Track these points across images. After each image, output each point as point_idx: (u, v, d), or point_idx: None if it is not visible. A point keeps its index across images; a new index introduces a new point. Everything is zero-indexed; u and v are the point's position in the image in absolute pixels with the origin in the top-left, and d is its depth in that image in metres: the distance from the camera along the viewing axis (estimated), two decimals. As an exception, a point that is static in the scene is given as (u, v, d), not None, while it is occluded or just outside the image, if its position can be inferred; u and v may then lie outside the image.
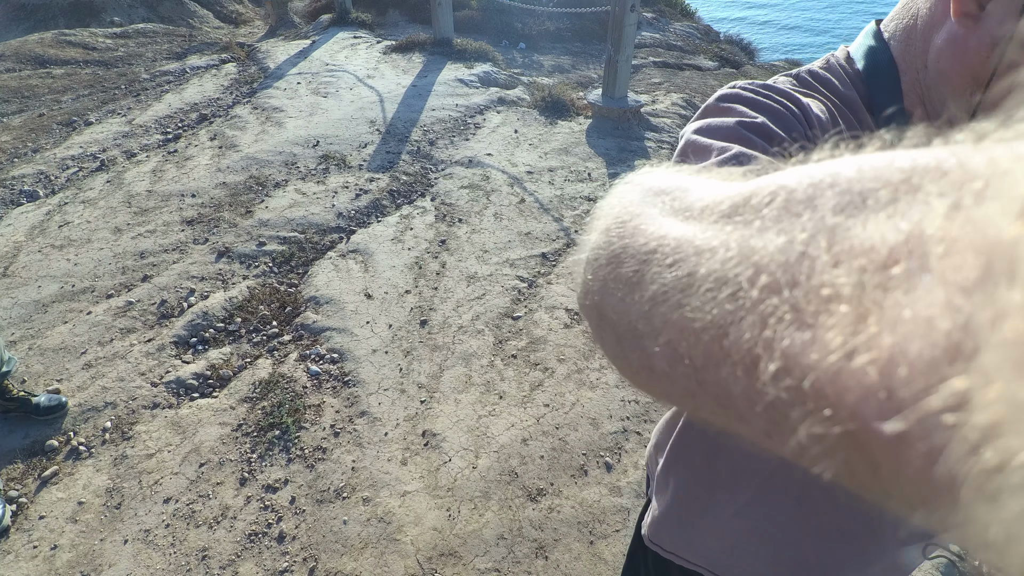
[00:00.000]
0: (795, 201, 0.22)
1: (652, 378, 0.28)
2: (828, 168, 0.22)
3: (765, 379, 0.20)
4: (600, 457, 2.41)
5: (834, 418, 0.18)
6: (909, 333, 0.16)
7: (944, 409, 0.15)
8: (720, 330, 0.22)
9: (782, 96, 0.65)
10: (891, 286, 0.17)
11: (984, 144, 0.18)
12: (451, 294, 3.23)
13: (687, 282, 0.25)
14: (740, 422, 0.23)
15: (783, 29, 16.43)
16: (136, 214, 3.80)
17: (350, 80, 6.00)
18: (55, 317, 2.98)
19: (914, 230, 0.17)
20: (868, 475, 0.18)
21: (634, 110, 5.21)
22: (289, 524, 2.15)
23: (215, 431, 2.47)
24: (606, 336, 0.33)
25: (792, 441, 0.20)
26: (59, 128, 4.94)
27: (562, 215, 3.95)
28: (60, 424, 2.46)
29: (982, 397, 0.14)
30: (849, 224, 0.20)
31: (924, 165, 0.19)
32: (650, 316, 0.27)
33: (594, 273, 0.33)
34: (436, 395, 2.65)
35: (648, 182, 0.35)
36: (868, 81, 0.72)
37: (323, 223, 3.78)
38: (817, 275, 0.19)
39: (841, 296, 0.18)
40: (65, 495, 2.23)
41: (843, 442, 0.18)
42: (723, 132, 0.59)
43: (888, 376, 0.17)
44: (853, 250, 0.19)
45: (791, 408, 0.20)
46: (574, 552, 2.09)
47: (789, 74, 0.75)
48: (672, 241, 0.27)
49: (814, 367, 0.19)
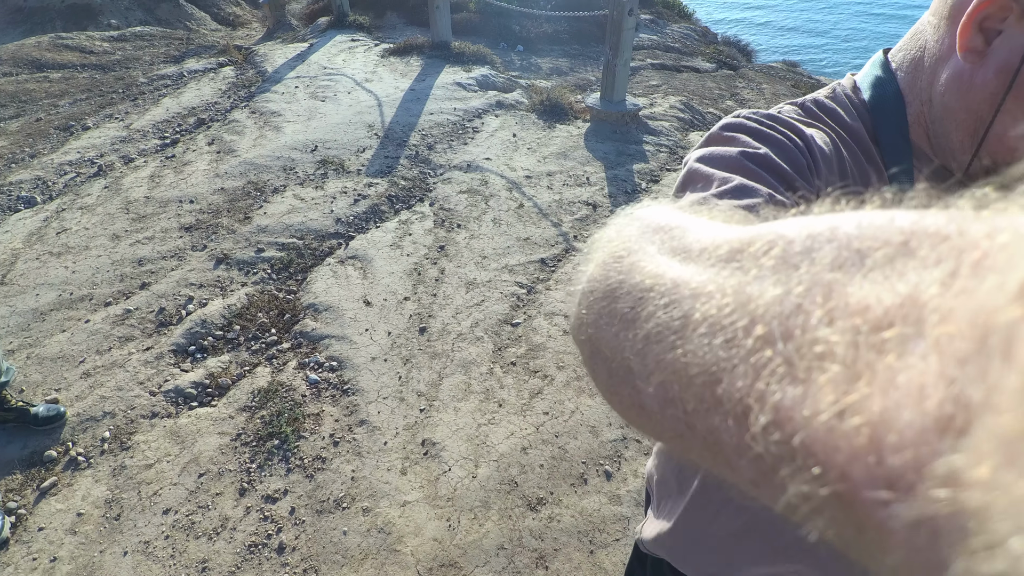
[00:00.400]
0: (793, 252, 0.22)
1: (642, 416, 0.29)
2: (828, 222, 0.22)
3: (755, 431, 0.20)
4: (600, 465, 2.41)
5: (822, 477, 0.18)
6: (901, 399, 0.16)
7: (931, 482, 0.15)
8: (712, 376, 0.22)
9: (786, 127, 0.65)
10: (885, 349, 0.17)
11: (985, 213, 0.18)
12: (450, 301, 3.23)
13: (682, 324, 0.25)
14: (728, 469, 0.23)
15: (781, 30, 16.45)
16: (134, 220, 3.79)
17: (348, 84, 5.99)
18: (53, 326, 2.97)
19: (910, 294, 0.17)
20: (854, 537, 0.18)
21: (632, 114, 5.21)
22: (289, 535, 2.15)
23: (214, 441, 2.47)
24: (598, 370, 0.33)
25: (779, 495, 0.20)
26: (56, 133, 4.93)
27: (561, 220, 3.95)
28: (59, 434, 2.46)
29: (972, 477, 0.14)
30: (846, 281, 0.20)
31: (924, 229, 0.19)
32: (644, 355, 0.27)
33: (589, 306, 0.33)
34: (435, 403, 2.65)
35: (647, 217, 0.35)
36: (874, 112, 0.71)
37: (322, 229, 3.78)
38: (812, 330, 0.19)
39: (834, 354, 0.18)
40: (64, 506, 2.22)
41: (831, 502, 0.18)
42: (726, 162, 0.59)
43: (878, 441, 0.17)
44: (848, 308, 0.19)
45: (779, 462, 0.20)
46: (574, 562, 2.09)
47: (794, 103, 0.74)
48: (669, 281, 0.27)
49: (805, 424, 0.19)
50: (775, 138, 0.63)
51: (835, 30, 16.54)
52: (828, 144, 0.68)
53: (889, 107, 0.71)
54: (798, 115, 0.72)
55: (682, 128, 5.41)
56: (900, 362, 0.17)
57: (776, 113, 0.70)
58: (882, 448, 0.16)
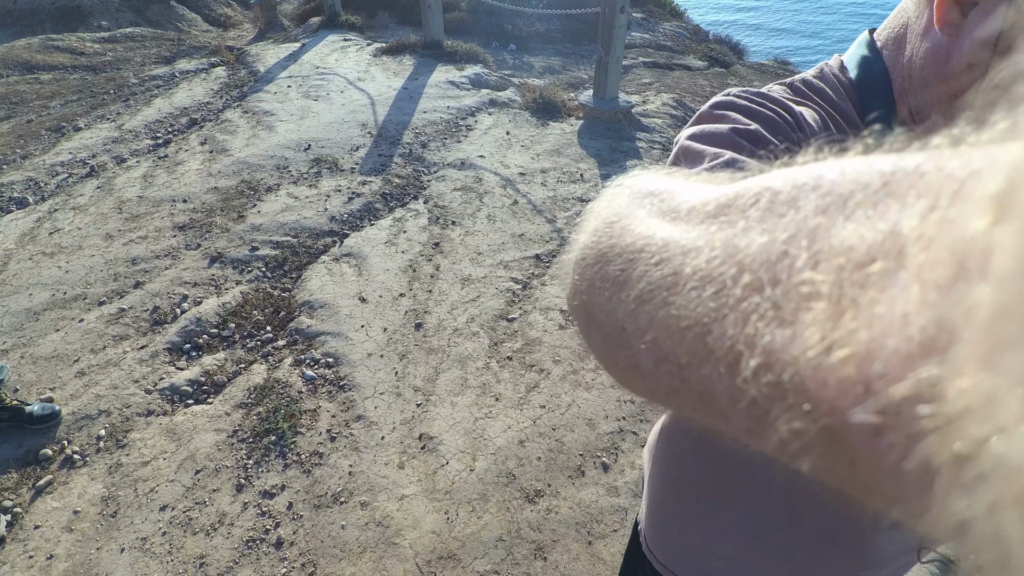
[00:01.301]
0: (779, 202, 0.23)
1: (638, 376, 0.29)
2: (812, 171, 0.23)
3: (747, 375, 0.21)
4: (597, 457, 2.42)
5: (813, 412, 0.19)
6: (885, 329, 0.17)
7: (915, 400, 0.16)
8: (704, 328, 0.23)
9: (776, 104, 0.66)
10: (868, 284, 0.18)
11: (960, 148, 0.18)
12: (445, 297, 3.24)
13: (672, 280, 0.25)
14: (723, 420, 0.23)
15: (774, 32, 16.47)
16: (127, 220, 3.78)
17: (341, 83, 5.99)
18: (47, 325, 2.96)
19: (892, 230, 0.18)
20: (847, 470, 0.19)
21: (625, 111, 5.22)
22: (287, 530, 2.15)
23: (210, 438, 2.46)
24: (593, 335, 0.33)
25: (773, 437, 0.20)
26: (48, 134, 4.90)
27: (555, 216, 3.95)
28: (54, 433, 2.44)
29: (952, 387, 0.15)
30: (830, 224, 0.20)
31: (903, 168, 0.19)
32: (636, 314, 0.28)
33: (582, 273, 0.34)
34: (432, 398, 2.65)
35: (637, 185, 0.35)
36: (861, 90, 0.72)
37: (316, 227, 3.78)
38: (797, 273, 0.20)
39: (820, 294, 0.19)
40: (60, 504, 2.21)
41: (822, 437, 0.19)
42: (717, 138, 0.60)
43: (865, 370, 0.17)
44: (833, 249, 0.19)
45: (771, 404, 0.20)
46: (573, 553, 2.10)
47: (783, 82, 0.75)
48: (659, 241, 0.28)
49: (793, 363, 0.19)
50: (765, 115, 0.63)
51: (828, 31, 16.58)
52: (817, 121, 0.68)
53: (876, 85, 0.71)
54: (787, 93, 0.73)
55: (675, 125, 5.42)
56: (883, 295, 0.17)
57: (766, 91, 0.71)
58: (869, 377, 0.17)
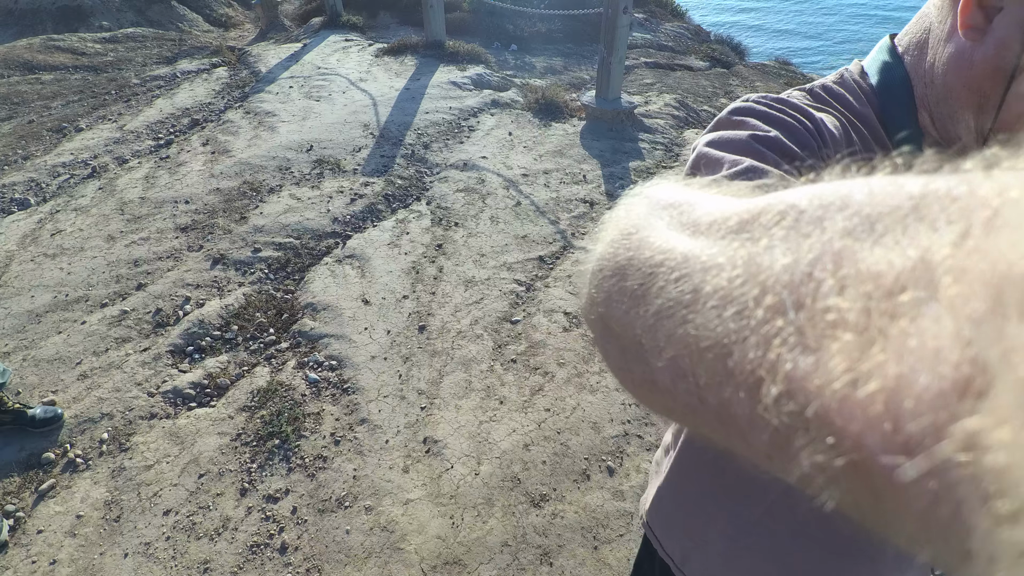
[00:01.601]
0: (804, 221, 0.22)
1: (655, 392, 0.28)
2: (838, 189, 0.22)
3: (768, 402, 0.20)
4: (602, 461, 2.41)
5: (837, 447, 0.18)
6: (916, 363, 0.16)
7: (953, 449, 0.15)
8: (724, 349, 0.22)
9: (795, 111, 0.65)
10: (898, 314, 0.17)
11: (994, 172, 0.18)
12: (449, 299, 3.22)
13: (692, 298, 0.24)
14: (742, 443, 0.23)
15: (775, 33, 16.44)
16: (129, 221, 3.76)
17: (343, 83, 5.97)
18: (49, 327, 2.95)
19: (922, 257, 0.17)
20: (872, 507, 0.18)
21: (627, 111, 5.21)
22: (291, 535, 2.13)
23: (214, 441, 2.45)
24: (610, 348, 0.33)
25: (794, 467, 0.19)
26: (49, 135, 4.89)
27: (558, 217, 3.94)
28: (56, 436, 2.43)
29: (994, 439, 0.14)
30: (857, 248, 0.19)
31: (934, 191, 0.18)
32: (655, 330, 0.27)
33: (599, 284, 0.33)
34: (436, 401, 2.64)
35: (656, 195, 0.35)
36: (882, 96, 0.71)
37: (318, 228, 3.76)
38: (823, 298, 0.19)
39: (847, 321, 0.18)
40: (63, 508, 2.20)
41: (847, 472, 0.18)
42: (735, 145, 0.59)
43: (894, 407, 0.16)
44: (860, 275, 0.18)
45: (793, 433, 0.19)
46: (579, 558, 2.09)
47: (803, 88, 0.74)
48: (678, 255, 0.27)
49: (818, 393, 0.18)
50: (785, 121, 0.62)
51: (829, 32, 16.56)
52: (838, 128, 0.68)
53: (897, 91, 0.71)
54: (807, 100, 0.72)
55: (677, 126, 5.41)
56: (914, 326, 0.16)
57: (785, 97, 0.70)
58: (899, 414, 0.16)
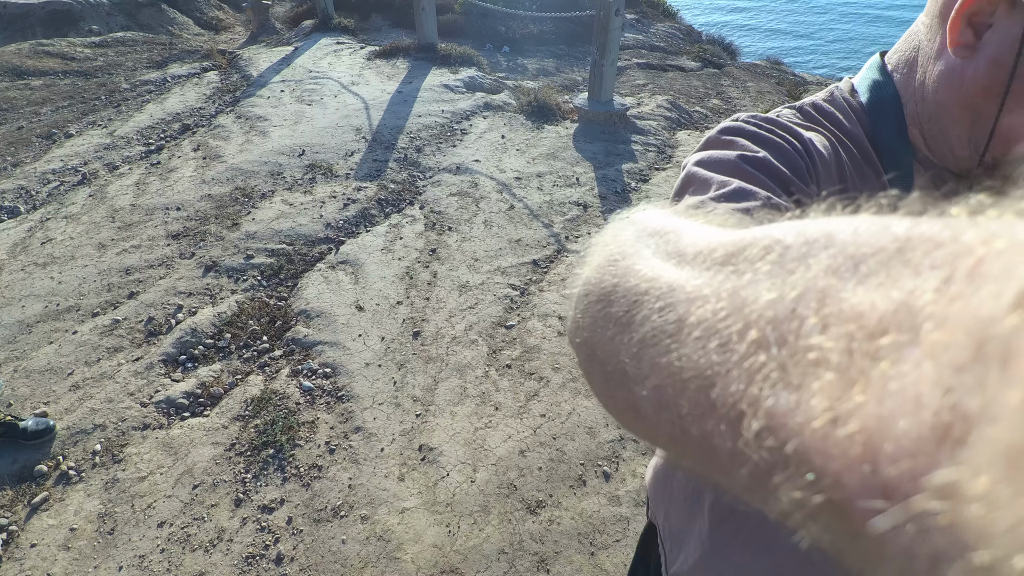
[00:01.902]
0: (789, 257, 0.22)
1: (637, 419, 0.29)
2: (824, 227, 0.22)
3: (748, 437, 0.20)
4: (598, 467, 2.41)
5: (816, 485, 0.18)
6: (897, 407, 0.16)
7: (930, 496, 0.15)
8: (707, 380, 0.22)
9: (784, 131, 0.65)
10: (879, 356, 0.17)
11: (980, 219, 0.18)
12: (443, 304, 3.22)
13: (677, 328, 0.25)
14: (722, 474, 0.23)
15: (767, 32, 16.48)
16: (120, 229, 3.74)
17: (334, 87, 5.96)
18: (40, 337, 2.92)
19: (905, 300, 0.17)
20: (848, 544, 0.18)
21: (620, 113, 5.22)
22: (287, 545, 2.13)
23: (208, 451, 2.44)
24: (594, 373, 0.33)
25: (774, 502, 0.20)
26: (39, 141, 4.86)
27: (552, 221, 3.94)
28: (49, 448, 2.41)
29: (971, 490, 0.14)
30: (840, 287, 0.19)
31: (919, 235, 0.19)
32: (639, 358, 0.27)
33: (584, 310, 0.33)
34: (431, 408, 2.63)
35: (643, 221, 0.35)
36: (872, 115, 0.72)
37: (311, 234, 3.75)
38: (805, 336, 0.19)
39: (829, 361, 0.18)
40: (56, 521, 2.18)
41: (824, 510, 0.18)
42: (724, 166, 0.59)
43: (874, 450, 0.16)
44: (843, 314, 0.19)
45: (773, 469, 0.19)
46: (576, 564, 2.09)
47: (793, 106, 0.75)
48: (664, 285, 0.27)
49: (798, 431, 0.18)
50: (774, 142, 0.62)
51: (821, 31, 16.62)
52: (827, 148, 0.68)
53: (887, 110, 0.71)
54: (797, 119, 0.73)
55: (669, 127, 5.42)
56: (895, 369, 0.16)
57: (775, 117, 0.70)
58: (878, 457, 0.16)
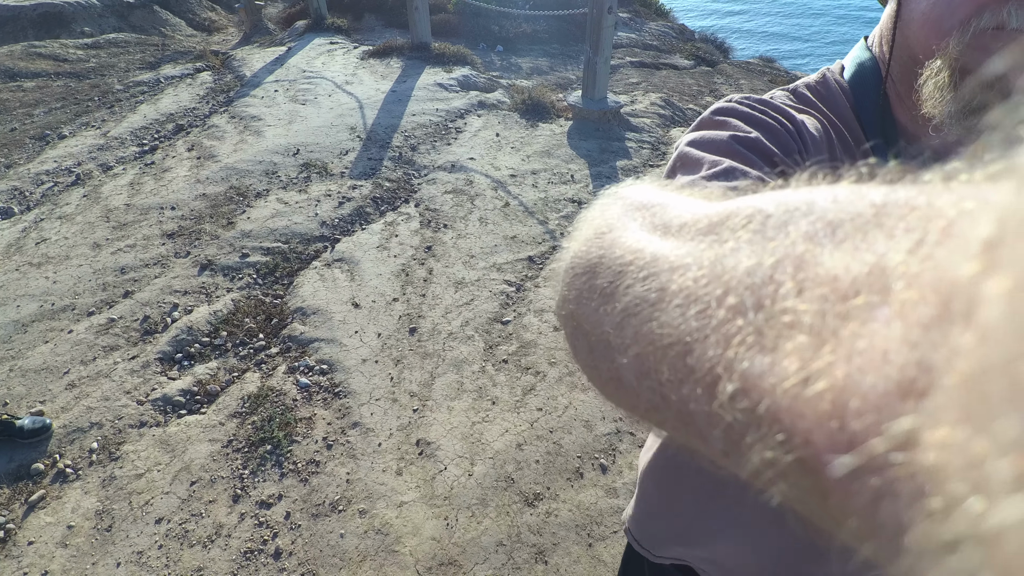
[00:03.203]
0: (770, 225, 0.23)
1: (620, 390, 0.29)
2: (805, 196, 0.23)
3: (723, 400, 0.20)
4: (595, 459, 2.42)
5: (786, 444, 0.18)
6: (864, 364, 0.16)
7: (891, 448, 0.15)
8: (685, 346, 0.23)
9: (777, 112, 0.66)
10: (850, 316, 0.17)
11: (952, 184, 0.18)
12: (439, 300, 3.22)
13: (659, 296, 0.25)
14: (700, 440, 0.23)
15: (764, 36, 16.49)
16: (115, 229, 3.73)
17: (328, 87, 5.96)
18: (36, 337, 2.92)
19: (877, 263, 0.18)
20: (818, 503, 0.18)
21: (614, 111, 5.23)
22: (285, 540, 2.13)
23: (205, 448, 2.44)
24: (579, 346, 0.33)
25: (747, 463, 0.20)
26: (32, 143, 4.84)
27: (547, 218, 3.95)
28: (45, 447, 2.41)
29: (929, 439, 0.14)
30: (817, 252, 0.20)
31: (894, 200, 0.19)
32: (622, 328, 0.27)
33: (570, 282, 0.34)
34: (428, 403, 2.64)
35: (630, 196, 0.35)
36: (855, 90, 0.73)
37: (307, 232, 3.75)
38: (781, 300, 0.20)
39: (802, 323, 0.19)
40: (54, 519, 2.18)
41: (795, 468, 0.18)
42: (716, 146, 0.60)
43: (841, 406, 0.17)
44: (818, 278, 0.19)
45: (746, 430, 0.20)
46: (573, 555, 2.10)
47: (786, 89, 0.76)
48: (648, 255, 0.27)
49: (770, 391, 0.19)
50: (766, 123, 0.63)
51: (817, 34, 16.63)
52: (819, 129, 0.69)
53: (867, 82, 0.72)
54: (790, 101, 0.74)
55: (663, 124, 5.44)
56: (864, 328, 0.17)
57: (768, 98, 0.71)
58: (845, 413, 0.16)
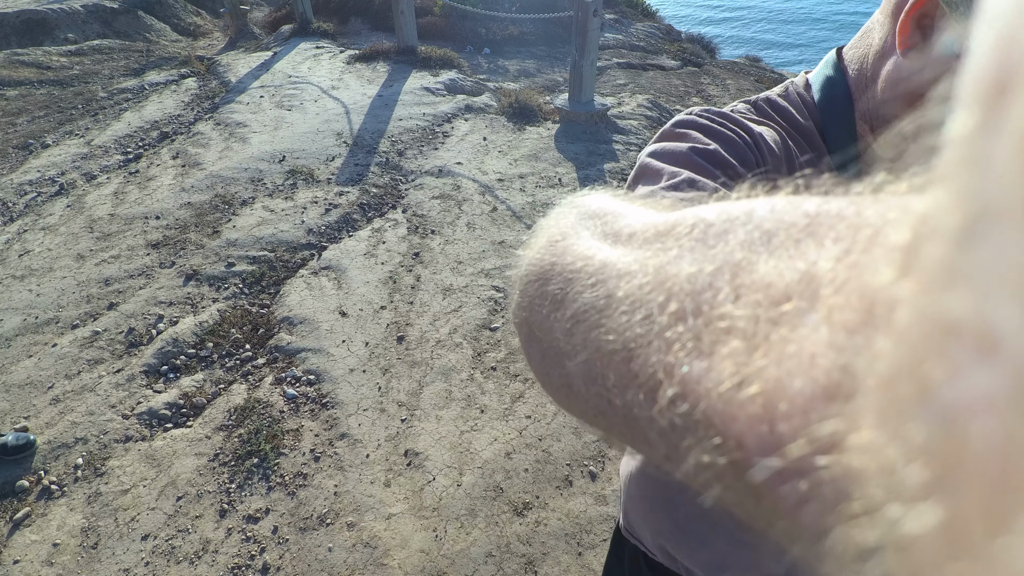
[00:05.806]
0: (711, 234, 0.23)
1: (570, 396, 0.29)
2: (745, 206, 0.23)
3: (663, 404, 0.21)
4: (584, 466, 2.42)
5: (721, 447, 0.19)
6: (792, 368, 0.17)
7: (815, 451, 0.15)
8: (629, 352, 0.23)
9: (736, 124, 0.67)
10: (781, 322, 0.18)
11: (880, 195, 0.19)
12: (427, 308, 3.21)
13: (606, 303, 0.26)
14: (644, 445, 0.24)
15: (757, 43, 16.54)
16: (99, 239, 3.70)
17: (314, 92, 5.93)
18: (19, 351, 2.89)
19: (808, 270, 0.18)
20: (753, 506, 0.19)
21: (601, 113, 5.24)
22: (273, 555, 2.11)
23: (191, 462, 2.42)
24: (532, 352, 0.34)
25: (686, 466, 0.21)
26: (15, 152, 4.79)
27: (535, 222, 3.94)
28: (30, 463, 2.38)
29: (851, 442, 0.15)
30: (754, 260, 0.20)
31: (827, 211, 0.20)
32: (571, 334, 0.28)
33: (524, 289, 0.34)
34: (417, 412, 2.63)
35: (586, 204, 0.36)
36: (823, 111, 0.73)
37: (293, 240, 3.73)
38: (719, 306, 0.20)
39: (737, 328, 0.19)
40: (39, 537, 2.16)
41: (729, 471, 0.19)
42: (676, 157, 0.61)
43: (770, 409, 0.17)
44: (753, 284, 0.20)
45: (685, 434, 0.20)
46: (563, 565, 2.09)
47: (748, 101, 0.76)
48: (597, 262, 0.28)
49: (706, 395, 0.19)
50: (725, 135, 0.64)
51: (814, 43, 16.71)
52: (777, 141, 0.69)
53: (838, 106, 0.72)
54: (750, 114, 0.74)
55: (650, 126, 5.45)
56: (794, 333, 0.17)
57: (728, 111, 0.72)
58: (774, 416, 0.17)
